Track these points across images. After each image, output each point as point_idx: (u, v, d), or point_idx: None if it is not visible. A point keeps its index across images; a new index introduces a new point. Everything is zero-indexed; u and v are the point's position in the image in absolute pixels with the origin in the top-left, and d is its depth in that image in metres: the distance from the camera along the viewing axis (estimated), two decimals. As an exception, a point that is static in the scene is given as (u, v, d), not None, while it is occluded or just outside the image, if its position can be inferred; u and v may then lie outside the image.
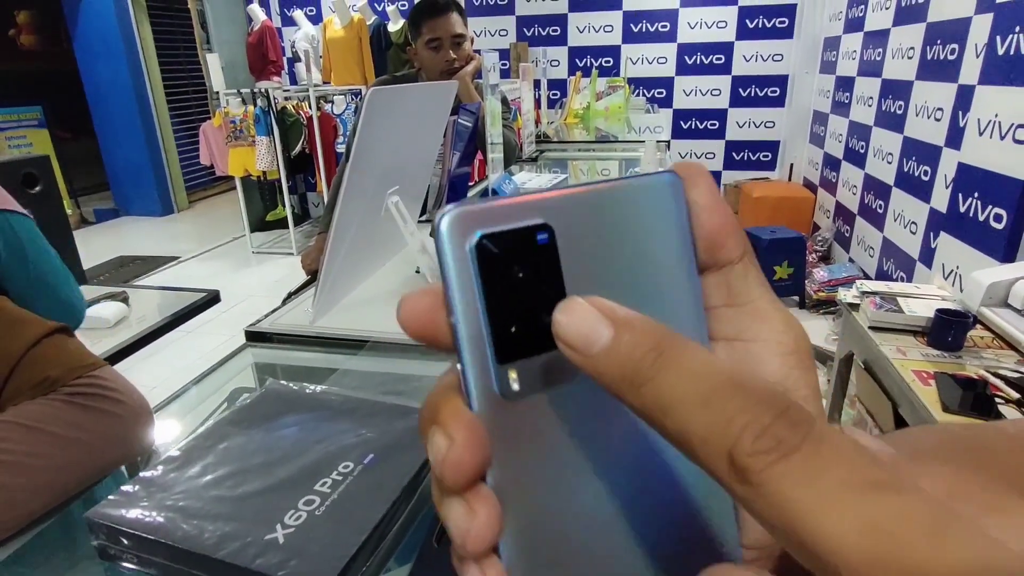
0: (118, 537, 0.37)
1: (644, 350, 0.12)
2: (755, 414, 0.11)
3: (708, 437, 0.12)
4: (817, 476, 0.11)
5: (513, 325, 0.15)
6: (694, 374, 0.12)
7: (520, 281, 0.15)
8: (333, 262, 0.70)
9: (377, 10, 4.82)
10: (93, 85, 5.76)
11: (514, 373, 0.15)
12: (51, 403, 0.48)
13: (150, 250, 4.91)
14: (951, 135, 2.45)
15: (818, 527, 0.11)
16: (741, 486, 0.11)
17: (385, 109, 0.68)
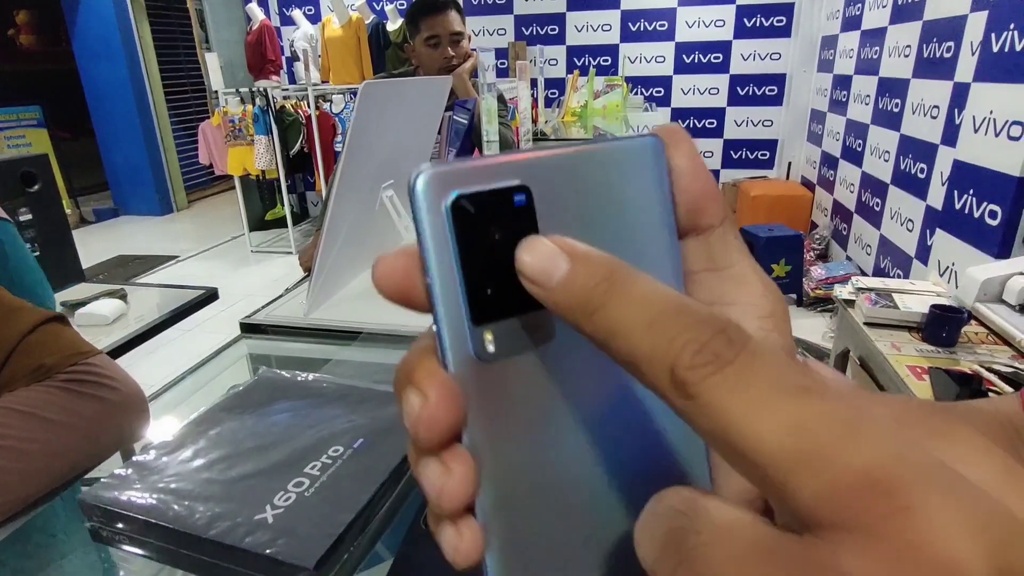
0: (111, 518, 0.38)
1: (597, 280, 0.13)
2: (695, 333, 0.12)
3: (652, 356, 0.12)
4: (749, 384, 0.11)
5: (489, 287, 0.15)
6: (641, 299, 0.13)
7: (496, 242, 0.15)
8: (327, 255, 0.71)
9: (376, 9, 4.83)
10: (92, 85, 5.76)
11: (489, 335, 0.15)
12: (46, 389, 0.49)
13: (149, 249, 4.92)
14: (947, 133, 2.45)
15: (748, 429, 0.11)
16: (682, 400, 0.12)
17: (379, 102, 0.69)
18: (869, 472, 0.10)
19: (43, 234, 2.80)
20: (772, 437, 0.11)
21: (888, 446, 0.11)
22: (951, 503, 0.10)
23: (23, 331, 0.50)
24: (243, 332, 0.73)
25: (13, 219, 2.72)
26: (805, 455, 0.11)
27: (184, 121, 6.42)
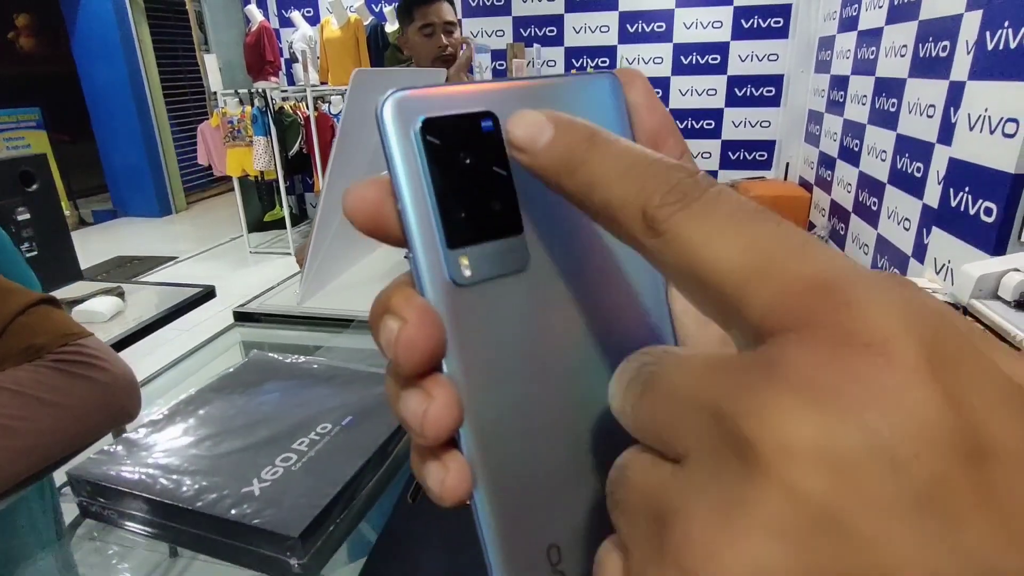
0: (100, 493, 0.38)
1: (579, 139, 0.14)
2: (665, 176, 0.13)
3: (625, 200, 0.13)
4: (711, 214, 0.13)
5: (462, 210, 0.15)
6: (618, 153, 0.14)
7: (467, 167, 0.15)
8: (320, 245, 0.71)
9: (374, 11, 4.84)
10: (91, 87, 5.78)
11: (465, 259, 0.15)
12: (37, 369, 0.49)
13: (148, 251, 4.92)
14: (943, 131, 2.46)
15: (708, 251, 0.12)
16: (653, 239, 0.13)
17: (371, 92, 0.69)
18: (816, 276, 0.11)
19: (41, 234, 2.81)
20: (729, 254, 0.12)
21: (836, 259, 0.12)
22: (888, 298, 0.11)
23: (14, 312, 0.51)
24: (236, 320, 0.74)
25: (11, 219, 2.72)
26: (758, 268, 0.12)
27: (183, 122, 6.44)
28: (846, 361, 0.10)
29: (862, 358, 0.10)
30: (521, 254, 0.15)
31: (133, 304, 1.38)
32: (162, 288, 1.59)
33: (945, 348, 0.10)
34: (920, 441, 0.10)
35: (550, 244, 0.16)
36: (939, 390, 0.10)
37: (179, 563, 0.65)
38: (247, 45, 4.77)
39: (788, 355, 0.11)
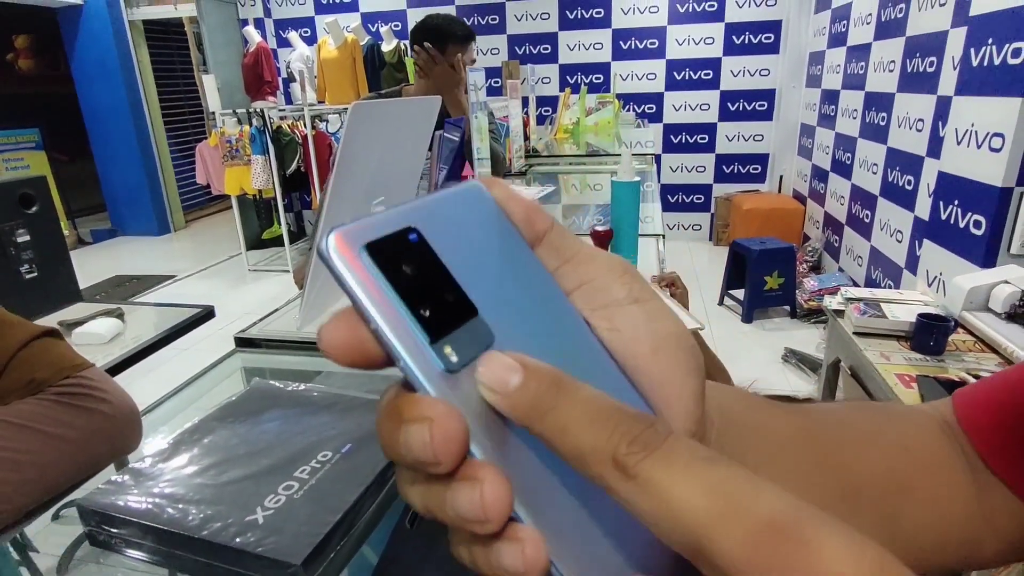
0: (108, 522, 0.39)
1: (546, 386, 0.16)
2: (628, 427, 0.15)
3: (596, 447, 0.15)
4: (672, 461, 0.15)
5: (428, 308, 0.16)
6: (583, 401, 0.16)
7: (415, 273, 0.16)
8: (320, 270, 0.73)
9: (371, 31, 4.90)
10: (91, 107, 5.82)
11: (448, 348, 0.16)
12: (40, 402, 0.50)
13: (147, 269, 4.93)
14: (932, 145, 2.50)
15: (676, 493, 0.14)
16: (625, 483, 0.15)
17: (368, 121, 0.71)
18: (773, 519, 0.13)
19: (41, 255, 2.82)
20: (693, 498, 0.14)
21: (784, 497, 0.14)
22: (837, 536, 0.13)
23: (16, 346, 0.52)
24: (238, 346, 0.75)
25: (11, 240, 2.73)
26: (721, 512, 0.14)
27: (181, 142, 6.48)
28: None
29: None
30: (485, 330, 0.17)
31: (132, 324, 1.39)
32: (161, 308, 1.60)
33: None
34: None
35: (502, 315, 0.18)
36: None
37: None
38: (245, 65, 4.82)
39: None
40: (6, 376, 0.50)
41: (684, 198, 5.15)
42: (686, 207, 5.16)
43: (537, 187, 1.93)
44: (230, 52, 5.23)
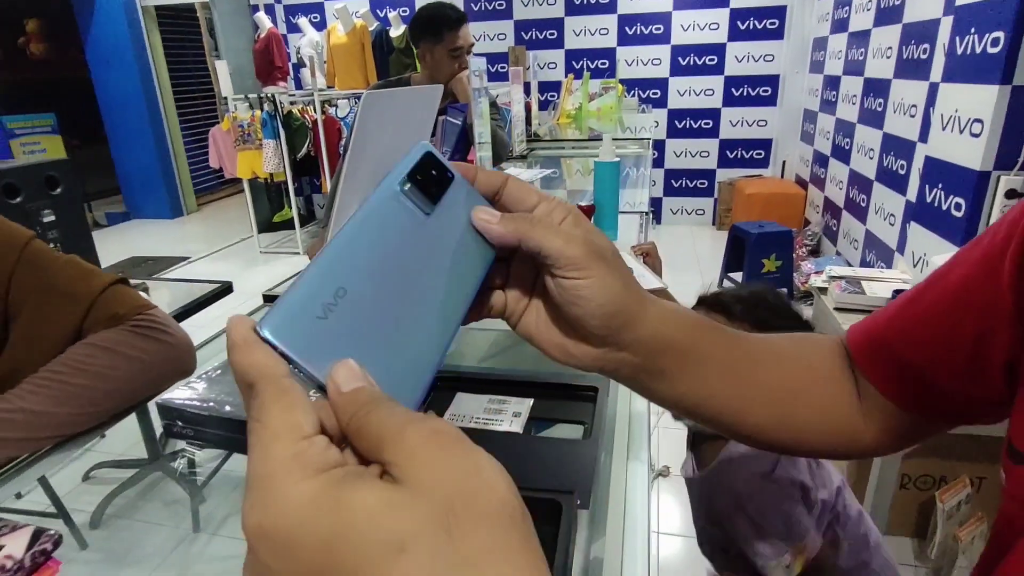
0: (180, 416, 0.51)
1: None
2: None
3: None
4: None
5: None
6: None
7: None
8: (335, 238, 0.84)
9: (379, 16, 4.97)
10: (105, 92, 5.92)
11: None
12: (120, 332, 0.62)
13: (161, 251, 5.07)
14: (923, 130, 2.57)
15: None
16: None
17: (378, 110, 0.81)
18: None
19: (65, 235, 2.96)
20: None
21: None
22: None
23: (100, 288, 0.64)
24: (265, 302, 0.87)
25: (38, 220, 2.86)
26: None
27: (194, 127, 6.59)
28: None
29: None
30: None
31: (155, 299, 1.50)
32: (182, 283, 1.71)
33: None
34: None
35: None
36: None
37: (200, 538, 0.76)
38: (256, 51, 4.90)
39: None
40: (93, 312, 0.63)
41: (688, 183, 5.21)
42: (690, 192, 5.23)
43: (537, 169, 2.03)
44: (241, 38, 5.31)
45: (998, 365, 0.35)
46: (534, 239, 0.30)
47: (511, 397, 0.57)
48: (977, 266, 0.36)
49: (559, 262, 0.30)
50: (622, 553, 0.40)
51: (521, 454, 0.47)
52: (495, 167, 1.89)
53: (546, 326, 0.34)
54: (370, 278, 0.25)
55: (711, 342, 0.38)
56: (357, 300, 0.24)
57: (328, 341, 0.23)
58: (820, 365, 0.44)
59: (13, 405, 0.55)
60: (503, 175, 0.32)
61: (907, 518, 1.74)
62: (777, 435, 0.42)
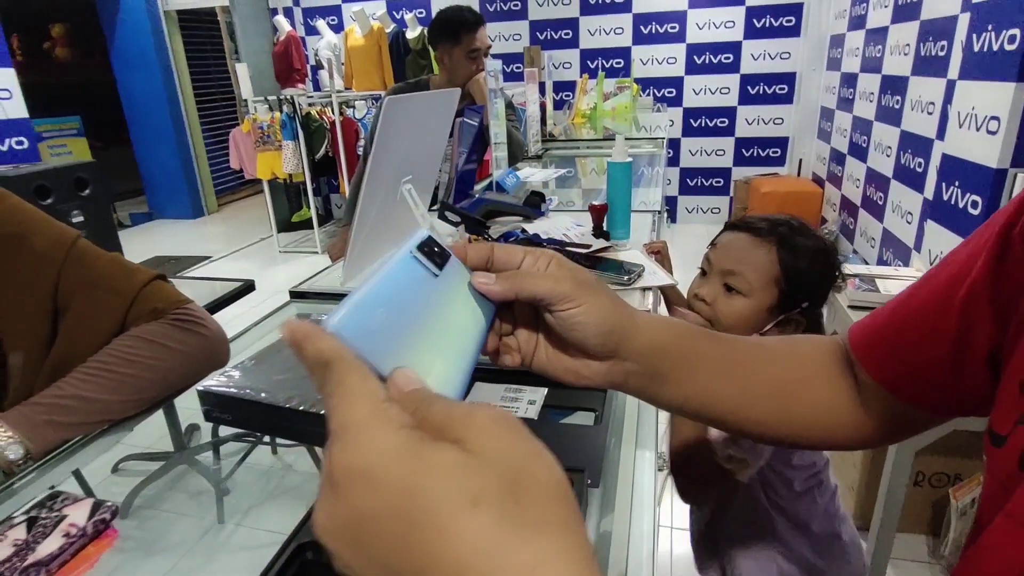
0: (219, 401, 0.55)
1: (321, 363, 0.25)
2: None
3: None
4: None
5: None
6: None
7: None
8: (360, 235, 0.88)
9: (396, 18, 5.02)
10: (128, 95, 6.05)
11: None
12: (161, 325, 0.67)
13: (183, 251, 5.18)
14: (940, 128, 2.55)
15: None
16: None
17: (399, 114, 0.85)
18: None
19: (94, 234, 3.05)
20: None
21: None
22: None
23: (142, 283, 0.69)
24: (292, 297, 0.91)
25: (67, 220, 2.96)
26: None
27: (214, 128, 6.70)
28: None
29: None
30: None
31: (182, 296, 1.55)
32: (204, 282, 1.77)
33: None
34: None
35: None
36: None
37: (225, 528, 0.80)
38: (276, 54, 4.98)
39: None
40: (135, 306, 0.67)
41: (703, 181, 5.20)
42: (705, 191, 5.22)
43: (552, 169, 2.06)
44: (261, 41, 5.40)
45: (981, 358, 0.38)
46: (527, 289, 0.35)
47: (526, 386, 0.60)
48: (963, 265, 0.39)
49: (553, 300, 0.35)
50: (629, 527, 0.43)
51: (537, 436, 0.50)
52: (511, 167, 1.92)
53: (556, 357, 0.39)
54: (401, 307, 0.30)
55: (705, 344, 0.42)
56: (395, 319, 0.29)
57: (380, 343, 0.28)
58: (814, 361, 0.46)
59: (67, 392, 0.60)
60: (488, 246, 0.37)
61: (921, 515, 1.74)
62: (780, 430, 0.45)
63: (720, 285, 0.87)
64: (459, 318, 0.34)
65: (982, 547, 0.35)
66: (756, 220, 0.90)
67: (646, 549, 0.41)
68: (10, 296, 0.63)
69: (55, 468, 0.62)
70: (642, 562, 0.40)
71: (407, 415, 0.23)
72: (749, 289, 0.85)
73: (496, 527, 0.20)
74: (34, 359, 0.64)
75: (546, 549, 0.20)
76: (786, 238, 0.86)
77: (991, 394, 0.38)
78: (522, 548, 0.20)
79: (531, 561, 0.20)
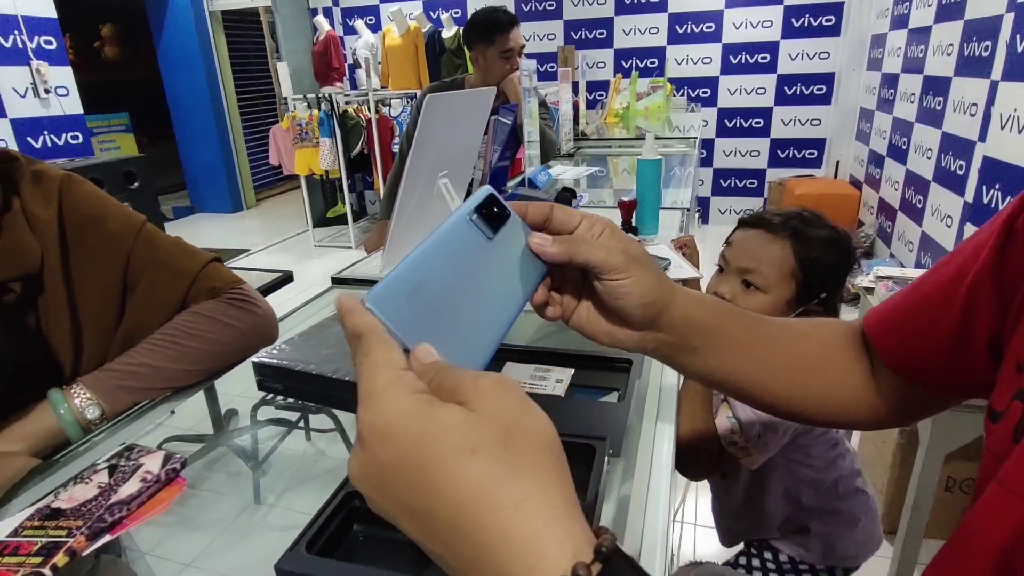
0: (272, 371, 0.60)
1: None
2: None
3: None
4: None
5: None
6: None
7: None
8: (399, 226, 0.93)
9: (432, 18, 5.10)
10: (174, 93, 6.25)
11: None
12: (218, 303, 0.74)
13: (223, 243, 5.34)
14: (983, 129, 2.50)
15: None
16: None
17: (438, 112, 0.90)
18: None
19: (142, 225, 3.20)
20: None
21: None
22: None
23: (201, 265, 0.76)
24: (333, 284, 0.97)
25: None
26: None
27: (253, 125, 6.88)
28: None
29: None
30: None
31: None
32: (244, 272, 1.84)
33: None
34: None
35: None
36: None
37: (261, 509, 0.86)
38: (315, 53, 5.10)
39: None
40: (195, 285, 0.74)
41: (737, 183, 5.15)
42: (739, 192, 5.16)
43: (584, 167, 2.09)
44: (301, 40, 5.54)
45: (983, 342, 0.40)
46: (581, 255, 0.38)
47: (554, 367, 0.64)
48: (970, 255, 0.41)
49: (603, 270, 0.38)
50: (647, 492, 0.47)
51: (563, 410, 0.54)
52: (543, 165, 1.96)
53: (596, 318, 0.42)
54: (442, 279, 0.33)
55: (732, 321, 0.45)
56: (433, 293, 0.32)
57: (412, 317, 0.31)
58: (834, 344, 0.49)
59: (137, 360, 0.66)
60: (549, 205, 0.40)
61: (952, 521, 1.72)
62: (797, 405, 0.48)
63: (738, 282, 0.90)
64: (503, 284, 0.35)
65: (975, 513, 0.37)
66: (769, 215, 0.92)
67: (662, 510, 0.44)
68: (88, 273, 0.69)
69: (117, 435, 0.68)
70: (658, 520, 0.43)
71: (421, 382, 0.27)
72: (767, 285, 0.87)
73: (490, 470, 0.24)
74: (106, 330, 0.71)
75: (531, 487, 0.24)
76: (799, 231, 0.87)
77: (992, 378, 0.40)
78: (511, 486, 0.24)
79: (518, 496, 0.24)
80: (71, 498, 0.50)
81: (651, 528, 0.44)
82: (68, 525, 0.47)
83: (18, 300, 0.65)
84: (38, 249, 0.66)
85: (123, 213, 0.74)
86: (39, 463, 0.59)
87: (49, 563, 0.44)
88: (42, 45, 3.51)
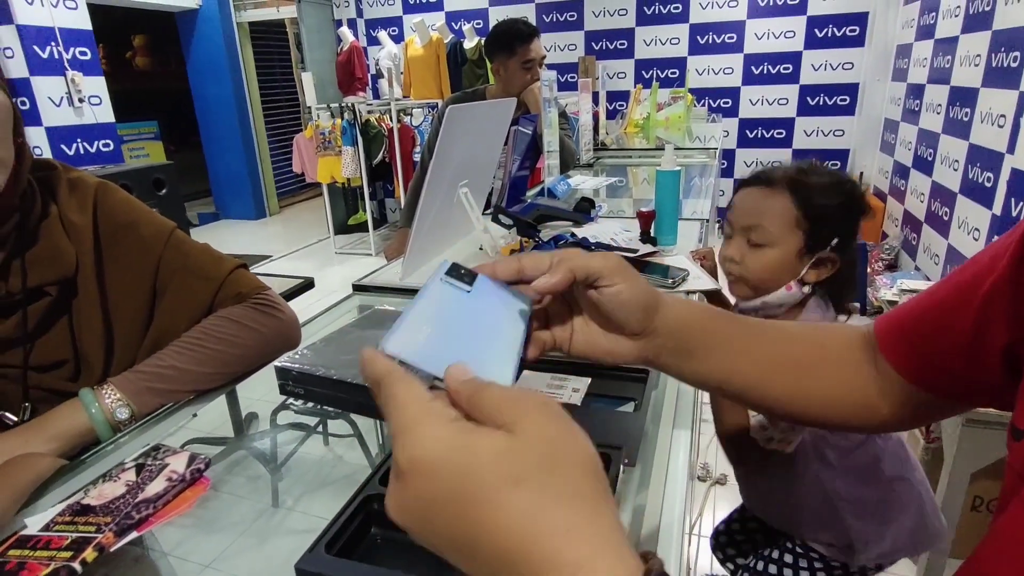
0: (293, 376, 0.62)
1: (376, 378, 0.29)
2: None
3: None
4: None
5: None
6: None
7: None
8: (419, 235, 0.94)
9: (454, 29, 5.16)
10: (201, 102, 6.39)
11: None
12: (244, 308, 0.76)
13: (246, 249, 5.43)
14: (1011, 141, 2.45)
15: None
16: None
17: (460, 122, 0.91)
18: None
19: (169, 231, 3.27)
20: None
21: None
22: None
23: (228, 270, 0.78)
24: (354, 290, 0.98)
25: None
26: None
27: (277, 134, 7.01)
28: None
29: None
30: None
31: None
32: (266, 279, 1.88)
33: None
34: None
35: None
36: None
37: (279, 512, 0.87)
38: (339, 63, 5.19)
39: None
40: (222, 290, 0.76)
41: (757, 193, 5.10)
42: (759, 202, 5.11)
43: (603, 177, 2.10)
44: (325, 51, 5.63)
45: (997, 351, 0.40)
46: (580, 267, 0.39)
47: (571, 376, 0.64)
48: (986, 265, 0.41)
49: (603, 274, 0.39)
50: (662, 502, 0.47)
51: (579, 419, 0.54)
52: (563, 175, 1.97)
53: (592, 338, 0.43)
54: (444, 320, 0.34)
55: (727, 324, 0.46)
56: (441, 329, 0.34)
57: (430, 351, 0.32)
58: (832, 345, 0.49)
59: (166, 363, 0.68)
60: (515, 258, 0.41)
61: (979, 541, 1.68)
62: (798, 407, 0.48)
63: (744, 242, 0.88)
64: (497, 322, 0.38)
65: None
66: (767, 171, 0.91)
67: (677, 520, 0.44)
68: (120, 277, 0.72)
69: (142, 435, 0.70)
70: (673, 530, 0.43)
71: (452, 410, 0.27)
72: (772, 239, 0.85)
73: (536, 499, 0.24)
74: (136, 333, 0.73)
75: (580, 514, 0.24)
76: (797, 180, 0.85)
77: (1002, 385, 0.40)
78: (557, 515, 0.24)
79: (565, 525, 0.24)
80: (100, 495, 0.52)
81: (665, 537, 0.44)
82: (97, 521, 0.49)
83: (54, 302, 0.67)
84: (74, 254, 0.68)
85: (154, 220, 0.76)
86: (65, 463, 0.61)
87: (79, 558, 0.45)
88: (77, 56, 3.62)
